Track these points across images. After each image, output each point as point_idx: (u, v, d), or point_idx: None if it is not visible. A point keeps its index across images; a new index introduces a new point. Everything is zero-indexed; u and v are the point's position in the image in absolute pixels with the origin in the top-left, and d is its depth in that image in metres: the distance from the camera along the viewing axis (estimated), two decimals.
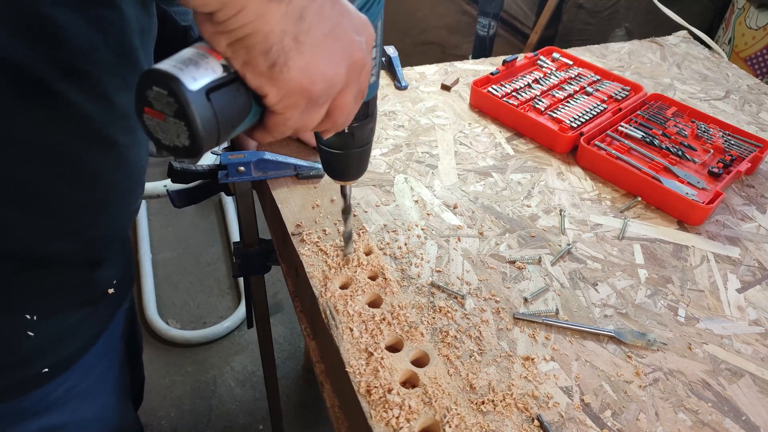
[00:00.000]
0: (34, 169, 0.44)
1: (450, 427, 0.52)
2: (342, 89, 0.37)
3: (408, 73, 1.14)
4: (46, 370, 0.53)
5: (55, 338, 0.53)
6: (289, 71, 0.33)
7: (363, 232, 0.72)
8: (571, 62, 1.15)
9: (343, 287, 0.66)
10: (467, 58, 1.50)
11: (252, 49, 0.32)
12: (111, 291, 0.57)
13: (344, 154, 0.52)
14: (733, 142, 0.96)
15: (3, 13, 0.38)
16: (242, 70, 0.33)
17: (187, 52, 0.32)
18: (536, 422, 0.56)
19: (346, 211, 0.63)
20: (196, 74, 0.31)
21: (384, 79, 1.12)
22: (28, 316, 0.49)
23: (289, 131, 0.37)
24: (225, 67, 0.33)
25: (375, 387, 0.55)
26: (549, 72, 1.11)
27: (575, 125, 0.96)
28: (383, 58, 1.13)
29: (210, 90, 0.31)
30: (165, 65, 0.31)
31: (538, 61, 1.15)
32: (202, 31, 0.32)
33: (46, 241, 0.48)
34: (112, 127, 0.48)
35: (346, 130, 0.49)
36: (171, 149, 0.32)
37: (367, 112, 0.49)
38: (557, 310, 0.67)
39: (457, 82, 1.12)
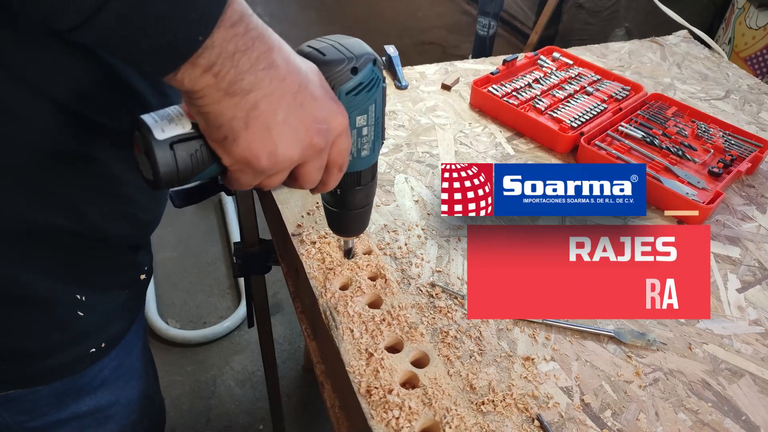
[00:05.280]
0: (107, 152, 0.48)
1: (450, 427, 0.52)
2: (303, 164, 0.43)
3: (408, 73, 1.14)
4: (94, 350, 0.57)
5: (104, 317, 0.57)
6: (237, 146, 0.39)
7: (363, 233, 0.72)
8: (571, 62, 1.15)
9: (343, 288, 0.65)
10: (467, 58, 1.50)
11: (208, 122, 0.39)
12: (143, 277, 0.61)
13: (341, 214, 0.57)
14: (733, 142, 0.96)
15: None
16: (204, 133, 0.40)
17: (171, 109, 0.40)
18: (536, 422, 0.56)
19: (347, 255, 0.66)
20: (166, 128, 0.39)
21: None
22: (78, 296, 0.53)
23: (245, 188, 0.44)
24: (195, 126, 0.40)
25: (375, 388, 0.55)
26: (549, 72, 1.11)
27: (575, 125, 0.96)
28: (382, 58, 1.13)
29: (175, 141, 0.39)
30: (147, 117, 0.39)
31: (539, 61, 1.15)
32: (182, 96, 0.39)
33: (110, 222, 0.52)
34: None
35: (338, 192, 0.54)
36: (145, 180, 0.41)
37: (359, 181, 0.53)
38: None
39: (457, 81, 1.12)
